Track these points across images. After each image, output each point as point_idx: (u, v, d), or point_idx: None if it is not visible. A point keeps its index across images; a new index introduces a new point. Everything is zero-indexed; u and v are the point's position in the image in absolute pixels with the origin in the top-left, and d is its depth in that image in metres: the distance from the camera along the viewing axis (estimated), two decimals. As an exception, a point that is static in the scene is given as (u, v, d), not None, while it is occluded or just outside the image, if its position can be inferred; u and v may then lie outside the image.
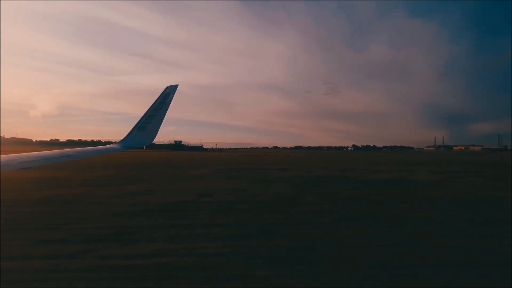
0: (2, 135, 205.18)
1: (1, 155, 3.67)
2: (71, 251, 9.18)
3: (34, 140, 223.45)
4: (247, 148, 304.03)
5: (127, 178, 29.47)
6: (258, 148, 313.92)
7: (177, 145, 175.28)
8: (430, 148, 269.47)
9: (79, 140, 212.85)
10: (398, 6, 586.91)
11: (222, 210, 15.12)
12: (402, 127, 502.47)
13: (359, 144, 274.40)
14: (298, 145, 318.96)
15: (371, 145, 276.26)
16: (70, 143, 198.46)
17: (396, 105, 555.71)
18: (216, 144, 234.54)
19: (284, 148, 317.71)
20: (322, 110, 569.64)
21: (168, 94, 6.75)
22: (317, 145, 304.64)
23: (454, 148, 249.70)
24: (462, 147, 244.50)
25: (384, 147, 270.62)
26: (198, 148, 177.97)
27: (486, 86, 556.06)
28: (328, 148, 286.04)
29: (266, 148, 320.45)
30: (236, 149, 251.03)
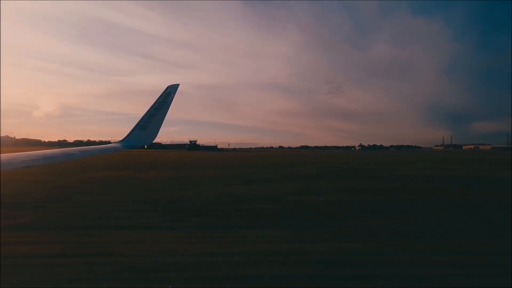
0: (12, 136, 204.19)
1: (4, 154, 3.72)
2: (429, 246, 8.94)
3: (43, 141, 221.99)
4: (251, 148, 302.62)
5: (238, 178, 29.13)
6: (263, 148, 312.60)
7: (193, 145, 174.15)
8: (439, 147, 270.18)
9: (88, 140, 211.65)
10: (401, 5, 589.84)
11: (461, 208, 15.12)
12: (405, 126, 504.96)
13: (365, 144, 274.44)
14: (303, 144, 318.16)
15: (378, 144, 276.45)
16: (78, 143, 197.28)
17: (399, 104, 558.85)
18: (229, 144, 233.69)
19: (290, 147, 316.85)
20: (325, 110, 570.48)
21: (169, 93, 6.68)
22: (321, 145, 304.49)
23: (464, 147, 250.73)
24: (472, 146, 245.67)
25: (392, 146, 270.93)
26: (214, 148, 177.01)
27: (490, 84, 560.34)
28: (335, 147, 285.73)
29: (272, 147, 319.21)
30: (244, 149, 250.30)
